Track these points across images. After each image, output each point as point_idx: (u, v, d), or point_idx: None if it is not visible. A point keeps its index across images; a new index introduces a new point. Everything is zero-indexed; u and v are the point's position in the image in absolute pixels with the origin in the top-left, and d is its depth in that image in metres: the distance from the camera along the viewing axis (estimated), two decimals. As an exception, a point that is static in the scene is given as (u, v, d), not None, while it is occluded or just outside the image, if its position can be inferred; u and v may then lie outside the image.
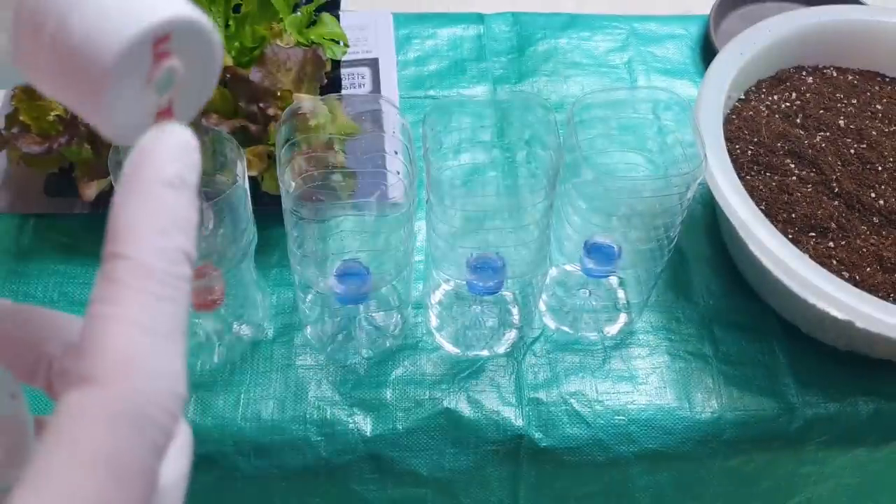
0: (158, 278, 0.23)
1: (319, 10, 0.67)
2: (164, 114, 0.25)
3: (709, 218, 0.69)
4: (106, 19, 0.22)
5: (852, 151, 0.65)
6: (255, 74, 0.59)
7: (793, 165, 0.64)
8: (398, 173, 0.52)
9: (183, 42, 0.24)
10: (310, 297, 0.60)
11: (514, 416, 0.58)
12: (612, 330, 0.63)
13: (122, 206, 0.24)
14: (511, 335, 0.62)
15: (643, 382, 0.60)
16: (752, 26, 0.69)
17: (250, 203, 0.52)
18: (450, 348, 0.61)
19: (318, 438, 0.57)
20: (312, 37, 0.64)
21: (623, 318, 0.63)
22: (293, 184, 0.51)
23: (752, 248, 0.57)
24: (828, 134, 0.66)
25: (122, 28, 0.22)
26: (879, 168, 0.64)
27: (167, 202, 0.24)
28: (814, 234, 0.60)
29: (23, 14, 0.22)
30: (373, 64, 0.78)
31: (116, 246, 0.23)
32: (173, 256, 0.24)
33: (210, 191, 0.50)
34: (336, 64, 0.67)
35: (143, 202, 0.24)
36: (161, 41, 0.23)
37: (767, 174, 0.63)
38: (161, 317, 0.23)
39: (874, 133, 0.66)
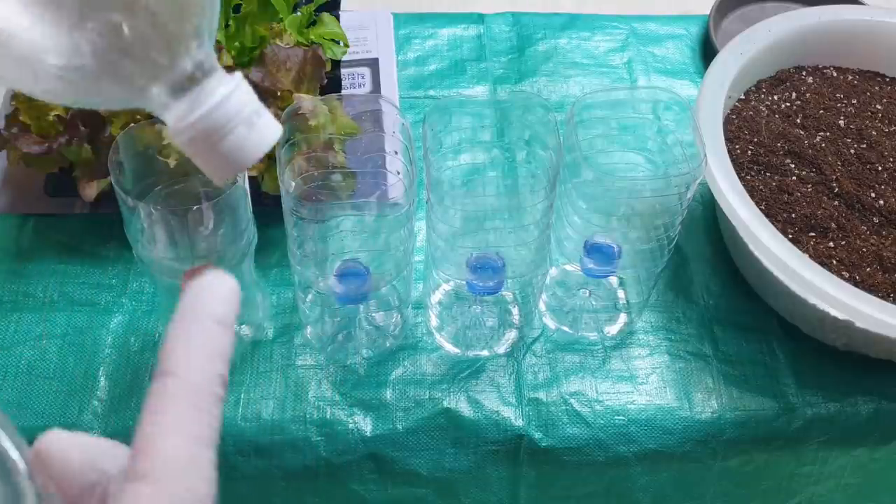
0: (203, 396, 0.29)
1: (319, 10, 0.67)
2: None
3: (709, 218, 0.69)
4: (246, 142, 0.36)
5: (852, 151, 0.65)
6: (255, 74, 0.59)
7: (793, 165, 0.64)
8: (398, 173, 0.52)
9: None
10: (310, 297, 0.60)
11: (514, 416, 0.58)
12: (612, 330, 0.63)
13: (178, 334, 0.30)
14: (511, 335, 0.62)
15: (643, 382, 0.60)
16: (752, 26, 0.69)
17: (250, 203, 0.52)
18: (450, 348, 0.61)
19: (318, 438, 0.57)
20: (312, 37, 0.64)
21: (623, 318, 0.63)
22: (293, 184, 0.51)
23: (752, 248, 0.57)
24: (828, 134, 0.66)
25: (254, 152, 0.36)
26: (879, 168, 0.64)
27: (216, 336, 0.30)
28: (814, 234, 0.60)
29: (201, 126, 0.35)
30: (373, 64, 0.78)
31: (169, 365, 0.29)
32: (215, 379, 0.29)
33: (210, 191, 0.50)
34: (336, 64, 0.67)
35: (196, 333, 0.30)
36: None
37: (767, 174, 0.63)
38: (202, 428, 0.28)
39: (874, 133, 0.66)
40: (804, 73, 0.71)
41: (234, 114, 0.35)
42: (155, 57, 0.34)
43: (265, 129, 0.37)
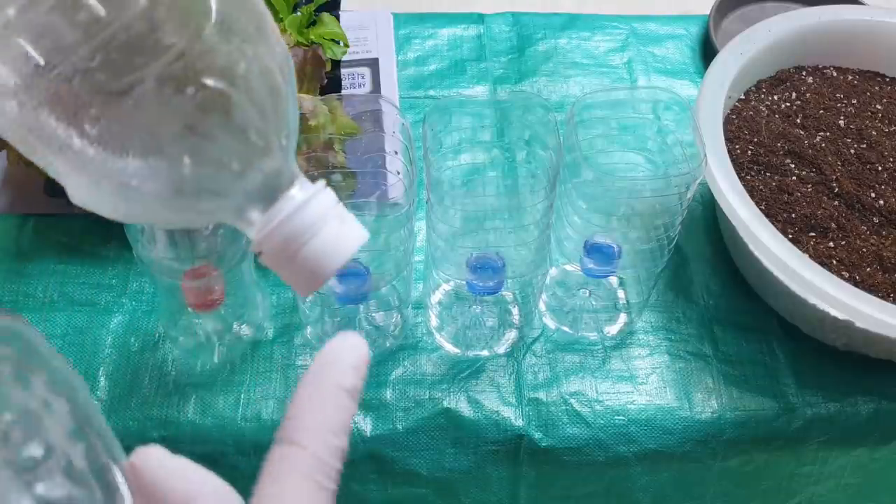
0: (324, 470, 0.29)
1: (319, 10, 0.67)
2: None
3: (709, 218, 0.69)
4: (325, 254, 0.35)
5: (852, 151, 0.65)
6: (255, 74, 0.58)
7: (793, 165, 0.64)
8: (398, 173, 0.52)
9: None
10: (310, 297, 0.60)
11: (514, 416, 0.58)
12: (612, 330, 0.63)
13: (306, 402, 0.29)
14: (511, 335, 0.62)
15: (643, 382, 0.60)
16: (752, 26, 0.69)
17: (250, 203, 0.52)
18: (450, 348, 0.61)
19: (318, 438, 0.57)
20: (312, 37, 0.64)
21: (623, 318, 0.63)
22: (293, 184, 0.51)
23: (752, 248, 0.57)
24: (828, 134, 0.66)
25: (335, 260, 0.35)
26: (879, 168, 0.64)
27: (343, 408, 0.30)
28: (814, 234, 0.60)
29: (279, 234, 0.35)
30: (373, 64, 0.78)
31: (294, 435, 0.29)
32: (338, 455, 0.29)
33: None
34: (336, 64, 0.67)
35: (324, 403, 0.29)
36: None
37: (767, 174, 0.63)
38: (318, 503, 0.28)
39: (874, 133, 0.66)
40: (804, 73, 0.71)
41: (311, 222, 0.35)
42: (252, 136, 0.33)
43: (347, 236, 0.36)
